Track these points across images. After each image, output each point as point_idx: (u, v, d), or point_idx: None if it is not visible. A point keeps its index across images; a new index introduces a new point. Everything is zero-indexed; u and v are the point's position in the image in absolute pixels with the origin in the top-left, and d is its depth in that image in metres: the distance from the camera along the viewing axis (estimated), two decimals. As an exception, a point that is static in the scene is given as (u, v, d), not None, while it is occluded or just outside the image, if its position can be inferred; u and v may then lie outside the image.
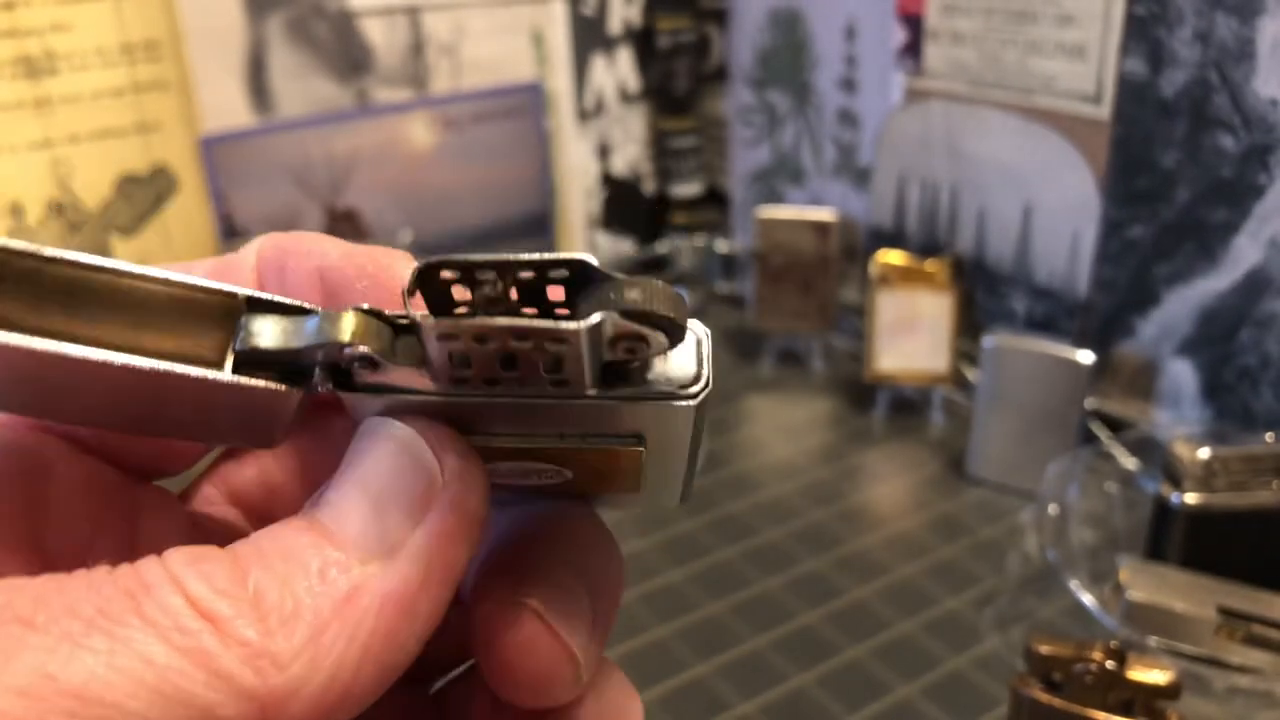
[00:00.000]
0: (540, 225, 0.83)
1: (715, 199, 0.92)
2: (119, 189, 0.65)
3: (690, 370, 0.17)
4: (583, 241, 0.85)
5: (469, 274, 0.15)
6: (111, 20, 0.62)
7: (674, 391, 0.17)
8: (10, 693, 0.13)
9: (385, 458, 0.16)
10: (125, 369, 0.15)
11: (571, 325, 0.15)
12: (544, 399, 0.16)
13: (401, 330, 0.17)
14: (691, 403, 0.17)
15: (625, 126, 0.87)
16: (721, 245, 0.85)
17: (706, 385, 0.17)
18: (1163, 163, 0.56)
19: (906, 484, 0.61)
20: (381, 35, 0.72)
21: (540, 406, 0.17)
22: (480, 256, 0.15)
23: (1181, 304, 0.58)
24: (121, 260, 0.16)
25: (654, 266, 0.88)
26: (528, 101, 0.80)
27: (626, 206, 0.88)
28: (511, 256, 0.15)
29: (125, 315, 0.16)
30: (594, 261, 0.16)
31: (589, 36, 0.82)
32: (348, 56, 0.72)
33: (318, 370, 0.17)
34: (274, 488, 0.21)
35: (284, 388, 0.17)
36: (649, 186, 0.91)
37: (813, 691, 0.46)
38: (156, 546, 0.15)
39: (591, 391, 0.16)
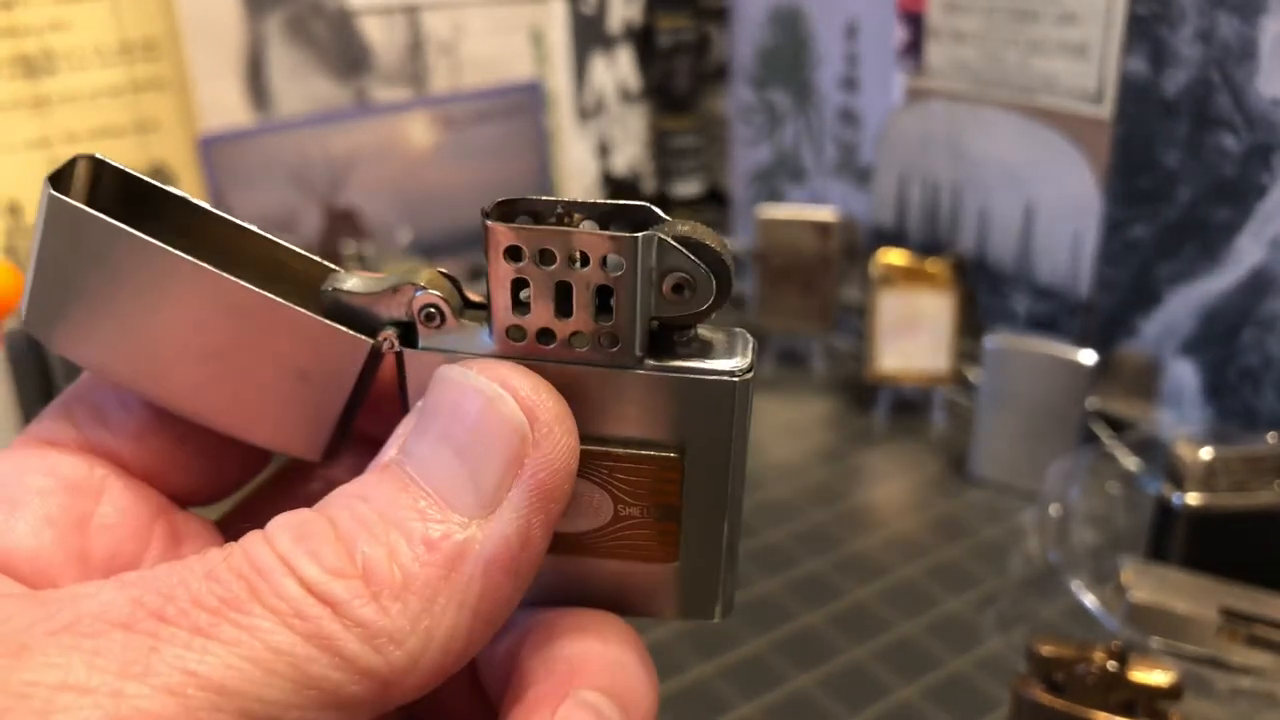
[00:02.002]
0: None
1: (716, 198, 0.91)
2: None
3: (735, 363, 0.17)
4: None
5: (539, 213, 0.17)
6: (110, 19, 0.62)
7: (719, 369, 0.17)
8: (162, 693, 0.13)
9: (472, 411, 0.16)
10: (254, 296, 0.17)
11: (628, 234, 0.16)
12: (595, 363, 0.17)
13: (469, 305, 0.18)
14: (736, 379, 0.17)
15: (625, 126, 0.87)
16: (722, 245, 0.85)
17: (751, 369, 0.17)
18: (1164, 162, 0.56)
19: (908, 484, 0.61)
20: (380, 34, 0.72)
21: (589, 379, 0.17)
22: (551, 198, 0.17)
23: (1183, 304, 0.57)
24: (254, 225, 0.19)
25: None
26: (527, 100, 0.80)
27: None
28: (581, 199, 0.17)
29: (255, 269, 0.18)
30: (658, 211, 0.17)
31: (589, 35, 0.82)
32: (346, 55, 0.72)
33: (388, 326, 0.18)
34: None
35: (358, 336, 0.18)
36: (649, 186, 0.90)
37: (813, 692, 0.45)
38: None
39: (640, 355, 0.17)
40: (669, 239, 0.17)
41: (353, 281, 0.18)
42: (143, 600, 0.14)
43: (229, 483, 0.20)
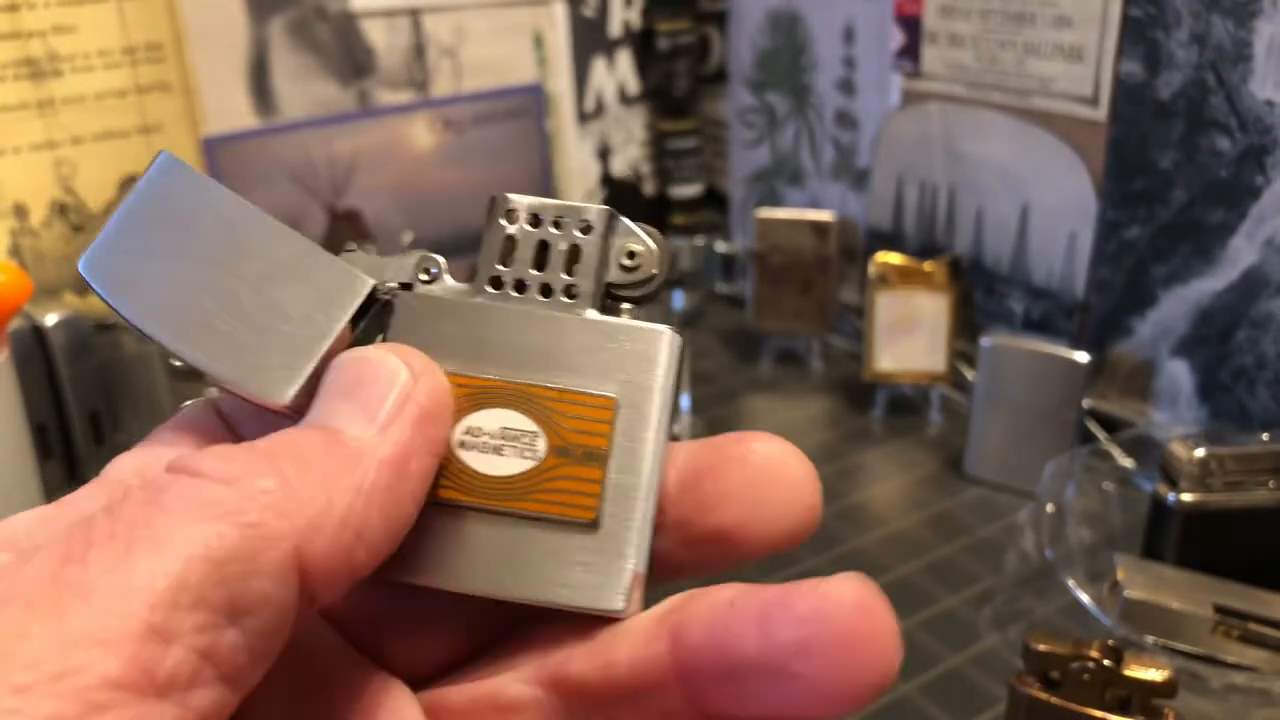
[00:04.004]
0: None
1: (715, 200, 0.92)
2: (122, 190, 0.65)
3: (668, 327, 0.21)
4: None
5: (533, 215, 0.21)
6: (114, 22, 0.63)
7: (655, 325, 0.21)
8: (100, 614, 0.14)
9: (361, 369, 0.19)
10: (302, 242, 0.20)
11: (601, 206, 0.21)
12: (554, 311, 0.21)
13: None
14: (668, 329, 0.21)
15: (625, 128, 0.87)
16: (721, 246, 0.85)
17: (680, 336, 0.21)
18: (1159, 164, 0.57)
19: (905, 483, 0.62)
20: (383, 37, 0.73)
21: (545, 325, 0.21)
22: (541, 200, 0.21)
23: (1178, 304, 0.58)
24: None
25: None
26: (528, 103, 0.80)
27: (626, 207, 0.88)
28: (554, 202, 0.21)
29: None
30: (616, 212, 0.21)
31: (589, 38, 0.82)
32: (349, 58, 0.72)
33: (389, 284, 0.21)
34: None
35: (364, 275, 0.21)
36: (649, 188, 0.91)
37: (812, 689, 0.46)
38: None
39: (593, 312, 0.21)
40: (626, 221, 0.21)
41: (365, 260, 0.21)
42: (70, 553, 0.15)
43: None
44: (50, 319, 0.55)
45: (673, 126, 0.88)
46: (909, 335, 0.66)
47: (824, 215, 0.72)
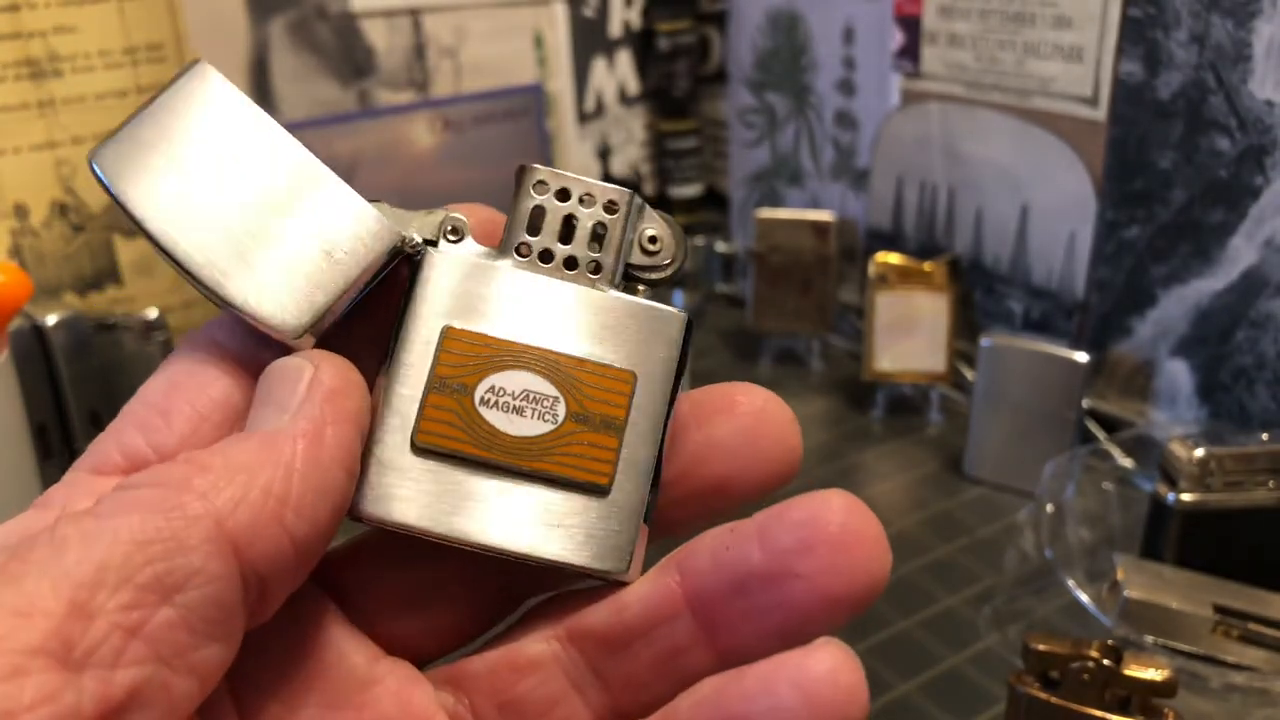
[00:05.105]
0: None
1: (714, 200, 0.92)
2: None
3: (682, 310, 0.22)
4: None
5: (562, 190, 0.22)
6: (115, 22, 0.63)
7: (671, 307, 0.22)
8: (50, 595, 0.15)
9: (270, 374, 0.20)
10: (323, 170, 0.20)
11: (627, 188, 0.22)
12: (579, 284, 0.21)
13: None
14: (683, 313, 0.22)
15: (625, 128, 0.87)
16: (721, 246, 0.85)
17: (689, 320, 0.22)
18: (1159, 164, 0.57)
19: (904, 483, 0.62)
20: (383, 38, 0.73)
21: (571, 295, 0.21)
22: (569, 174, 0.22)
23: (1178, 304, 0.58)
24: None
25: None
26: (529, 103, 0.80)
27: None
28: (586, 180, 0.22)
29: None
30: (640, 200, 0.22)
31: (590, 39, 0.82)
32: (350, 59, 0.72)
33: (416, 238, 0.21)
34: None
35: (391, 225, 0.21)
36: (649, 188, 0.91)
37: (812, 689, 0.46)
38: None
39: (614, 289, 0.21)
40: (649, 207, 0.22)
41: (396, 213, 0.22)
42: (9, 551, 0.16)
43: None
44: (50, 319, 0.55)
45: (673, 127, 0.88)
46: (909, 335, 0.66)
47: (824, 215, 0.72)
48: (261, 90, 0.69)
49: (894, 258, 0.66)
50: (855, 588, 0.19)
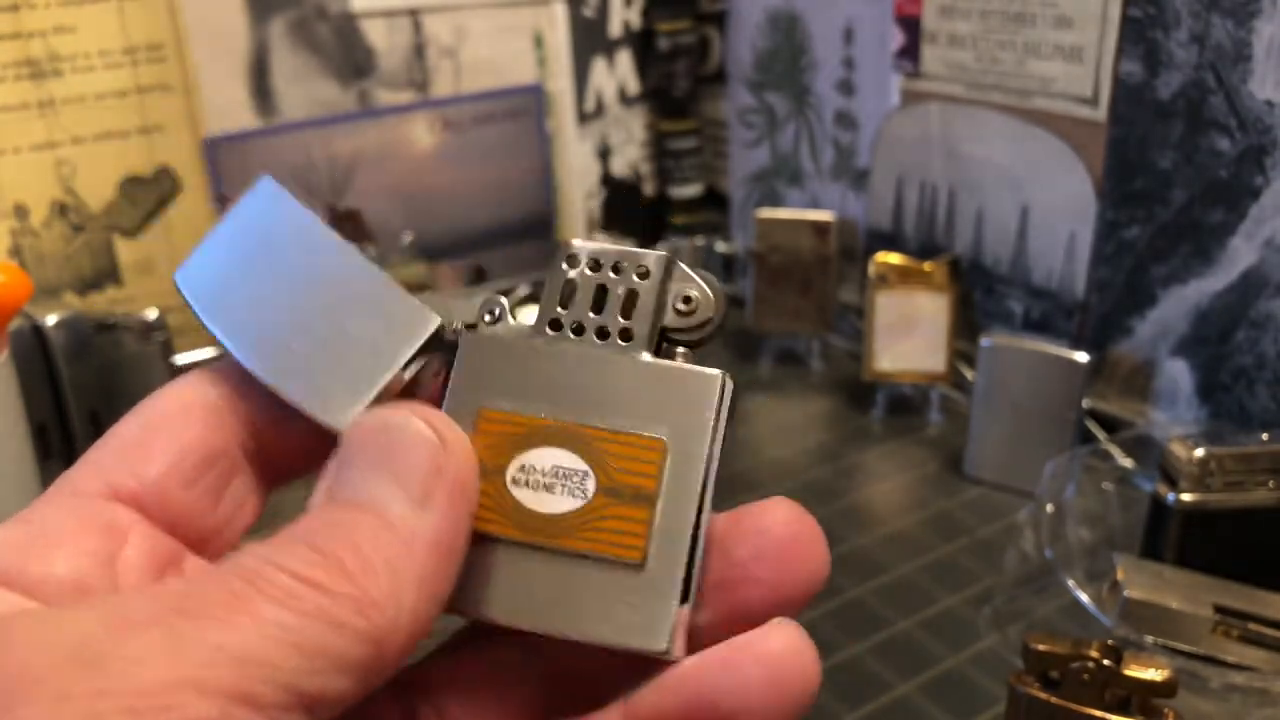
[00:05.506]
0: (542, 226, 0.83)
1: (714, 200, 0.92)
2: (122, 190, 0.65)
3: (719, 371, 0.22)
4: (583, 242, 0.86)
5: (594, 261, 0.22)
6: (115, 22, 0.63)
7: (707, 369, 0.21)
8: (194, 665, 0.15)
9: (390, 436, 0.19)
10: (376, 272, 0.21)
11: (660, 252, 0.22)
12: (609, 353, 0.21)
13: (525, 299, 0.24)
14: (721, 373, 0.21)
15: (625, 128, 0.87)
16: (721, 246, 0.85)
17: (731, 383, 0.21)
18: (1159, 164, 0.57)
19: (904, 483, 0.62)
20: (383, 38, 0.73)
21: (600, 366, 0.21)
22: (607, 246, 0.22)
23: (1178, 304, 0.58)
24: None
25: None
26: (529, 103, 0.80)
27: (626, 208, 0.88)
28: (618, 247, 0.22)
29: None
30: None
31: (590, 39, 0.82)
32: (350, 59, 0.72)
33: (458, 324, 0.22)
34: None
35: (432, 311, 0.21)
36: (649, 188, 0.91)
37: (812, 689, 0.46)
38: None
39: (647, 355, 0.21)
40: (683, 267, 0.22)
41: (435, 296, 0.23)
42: (172, 603, 0.16)
43: (237, 529, 0.22)
44: (50, 319, 0.55)
45: (673, 127, 0.88)
46: (909, 335, 0.66)
47: (824, 215, 0.72)
48: (261, 90, 0.69)
49: (894, 258, 0.66)
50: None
